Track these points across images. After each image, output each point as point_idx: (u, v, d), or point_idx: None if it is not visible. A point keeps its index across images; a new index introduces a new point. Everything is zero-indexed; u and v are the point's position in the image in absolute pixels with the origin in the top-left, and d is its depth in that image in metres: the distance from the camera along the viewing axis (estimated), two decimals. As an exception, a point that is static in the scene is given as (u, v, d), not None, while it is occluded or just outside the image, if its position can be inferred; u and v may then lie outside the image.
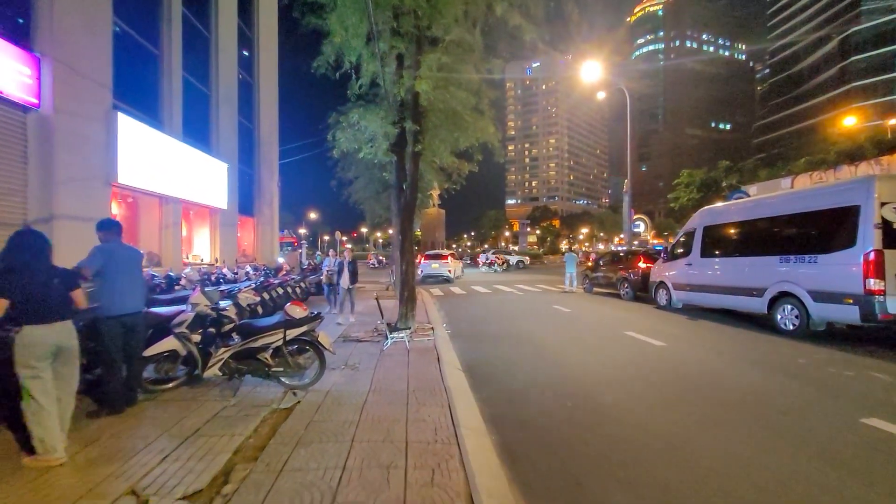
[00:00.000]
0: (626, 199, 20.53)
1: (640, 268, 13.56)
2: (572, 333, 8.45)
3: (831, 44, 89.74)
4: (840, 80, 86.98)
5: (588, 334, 8.35)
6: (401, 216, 8.29)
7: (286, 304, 4.65)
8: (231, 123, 13.61)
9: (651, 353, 6.68)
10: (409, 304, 8.22)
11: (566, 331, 8.73)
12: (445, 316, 10.95)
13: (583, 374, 5.69)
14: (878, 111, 70.49)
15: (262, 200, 16.82)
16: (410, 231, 8.35)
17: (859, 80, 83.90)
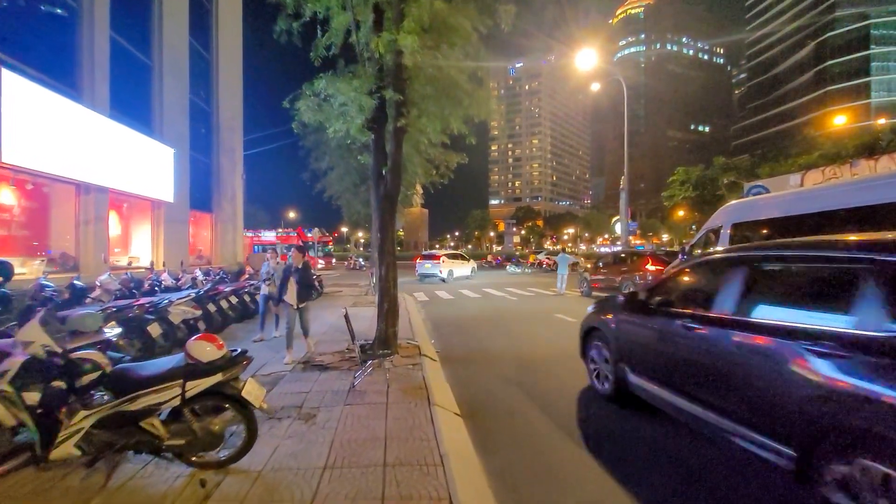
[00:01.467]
0: (623, 196, 19.28)
1: (648, 271, 12.23)
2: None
3: (807, 49, 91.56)
4: (816, 84, 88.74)
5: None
6: (380, 208, 6.67)
7: (189, 340, 2.93)
8: (180, 102, 11.60)
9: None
10: (389, 319, 6.59)
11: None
12: (433, 328, 9.36)
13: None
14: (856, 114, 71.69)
15: (221, 194, 14.71)
16: (391, 227, 6.73)
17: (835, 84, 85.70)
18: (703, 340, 3.17)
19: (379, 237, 6.73)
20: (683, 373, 3.38)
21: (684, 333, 3.36)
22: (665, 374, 3.63)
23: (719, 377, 2.96)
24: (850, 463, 2.14)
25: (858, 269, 2.35)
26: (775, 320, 2.69)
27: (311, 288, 5.44)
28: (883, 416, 1.99)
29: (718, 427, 2.95)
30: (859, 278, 2.31)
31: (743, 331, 2.85)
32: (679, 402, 3.39)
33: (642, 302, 4.20)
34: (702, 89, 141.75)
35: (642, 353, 4.02)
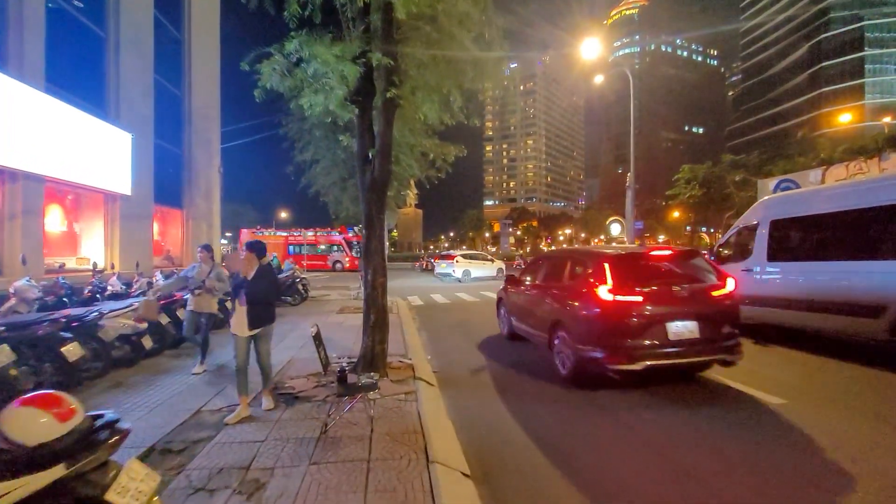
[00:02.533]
0: (629, 194, 18.23)
1: (665, 273, 11.13)
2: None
3: (801, 50, 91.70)
4: (810, 86, 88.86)
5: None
6: (367, 199, 5.47)
7: (8, 407, 1.70)
8: (142, 83, 10.23)
9: (775, 424, 4.07)
10: (376, 334, 5.40)
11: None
12: (428, 340, 8.16)
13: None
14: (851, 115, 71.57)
15: (195, 189, 13.21)
16: (380, 222, 5.54)
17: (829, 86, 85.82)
18: (529, 295, 6.96)
19: (365, 234, 5.54)
20: (525, 312, 6.95)
21: (526, 293, 7.11)
22: (521, 315, 7.18)
23: (537, 309, 6.45)
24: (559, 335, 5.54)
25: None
26: (547, 285, 6.48)
27: (269, 307, 4.06)
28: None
29: (533, 333, 6.56)
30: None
31: (540, 288, 6.62)
32: (523, 328, 7.03)
33: (516, 279, 7.82)
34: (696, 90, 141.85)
35: (519, 307, 7.32)
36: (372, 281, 5.46)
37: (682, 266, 5.35)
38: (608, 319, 4.80)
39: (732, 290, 5.15)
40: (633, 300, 4.79)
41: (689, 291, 4.92)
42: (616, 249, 5.77)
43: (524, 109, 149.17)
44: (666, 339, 4.68)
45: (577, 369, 5.09)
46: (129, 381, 5.19)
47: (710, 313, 4.88)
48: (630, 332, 4.70)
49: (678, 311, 4.78)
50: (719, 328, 4.87)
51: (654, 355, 4.63)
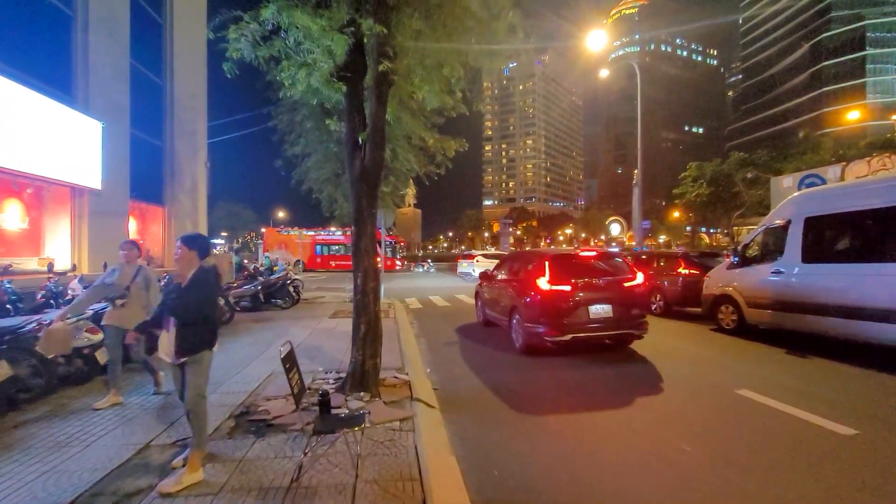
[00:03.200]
0: (636, 191, 17.51)
1: (682, 275, 10.39)
2: (644, 393, 5.05)
3: (802, 50, 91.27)
4: (811, 86, 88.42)
5: (672, 394, 4.98)
6: (357, 191, 4.72)
7: None
8: (116, 68, 9.35)
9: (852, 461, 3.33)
10: (367, 348, 4.65)
11: (628, 388, 5.32)
12: (427, 349, 7.41)
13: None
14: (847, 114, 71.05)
15: (177, 185, 12.41)
16: (371, 217, 4.78)
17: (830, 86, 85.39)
18: (495, 288, 8.40)
19: (354, 232, 4.78)
20: (493, 302, 8.40)
21: (493, 287, 8.54)
22: (490, 305, 8.62)
23: (501, 299, 7.89)
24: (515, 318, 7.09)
25: None
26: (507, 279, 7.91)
27: (202, 326, 3.03)
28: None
29: (499, 318, 8.05)
30: None
31: (504, 282, 7.96)
32: (492, 315, 8.48)
33: (488, 276, 9.08)
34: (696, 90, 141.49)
35: (489, 298, 8.70)
36: (362, 285, 4.71)
37: (603, 264, 7.12)
38: (546, 303, 6.40)
39: (640, 283, 6.84)
40: (564, 289, 6.40)
41: (606, 283, 6.64)
42: (555, 251, 7.58)
43: (523, 109, 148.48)
44: (588, 317, 6.34)
45: (527, 342, 6.68)
46: (76, 403, 4.43)
47: (622, 299, 6.49)
48: (562, 313, 6.31)
49: (598, 297, 6.42)
50: (629, 310, 6.50)
51: (580, 330, 6.28)
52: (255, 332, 8.31)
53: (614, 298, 6.42)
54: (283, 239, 36.36)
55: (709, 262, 10.85)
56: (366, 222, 4.73)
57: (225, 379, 5.22)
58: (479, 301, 9.52)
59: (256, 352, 6.72)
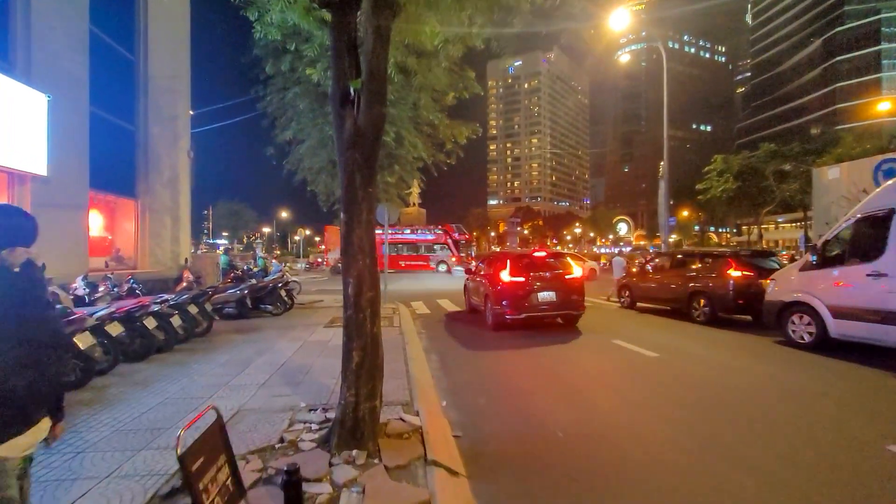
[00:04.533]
0: (662, 185, 16.06)
1: (732, 278, 8.95)
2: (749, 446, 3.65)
3: (814, 45, 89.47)
4: (824, 81, 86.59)
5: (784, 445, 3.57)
6: (347, 163, 3.33)
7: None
8: (70, 34, 7.69)
9: None
10: (361, 386, 3.27)
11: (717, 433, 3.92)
12: (439, 367, 6.02)
13: None
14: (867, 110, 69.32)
15: (153, 175, 10.87)
16: (367, 199, 3.38)
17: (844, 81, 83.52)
18: (476, 281, 10.37)
19: (344, 220, 3.39)
20: (474, 292, 10.48)
21: (474, 280, 10.56)
22: (473, 294, 10.62)
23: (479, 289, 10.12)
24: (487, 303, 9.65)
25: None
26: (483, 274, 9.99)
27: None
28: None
29: (478, 304, 10.17)
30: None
31: (481, 276, 9.95)
32: (475, 302, 10.37)
33: (471, 271, 11.43)
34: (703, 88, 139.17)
35: (472, 289, 10.72)
36: (355, 296, 3.32)
37: (552, 261, 9.33)
38: (506, 290, 8.43)
39: (578, 276, 8.93)
40: (520, 280, 8.44)
41: (552, 275, 8.73)
42: (515, 252, 10.39)
43: (528, 108, 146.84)
44: (538, 301, 8.36)
45: (494, 320, 8.67)
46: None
47: (563, 287, 8.56)
48: (518, 298, 8.31)
49: (545, 286, 8.49)
50: (570, 296, 8.58)
51: (531, 310, 8.33)
52: (233, 347, 6.95)
53: (558, 287, 8.56)
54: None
55: (762, 262, 9.42)
56: (360, 207, 3.34)
57: (163, 426, 3.83)
58: (466, 292, 11.49)
59: (225, 376, 5.35)
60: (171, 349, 6.56)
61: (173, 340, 6.56)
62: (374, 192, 3.49)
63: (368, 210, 3.39)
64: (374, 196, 3.47)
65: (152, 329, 5.95)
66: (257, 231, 75.26)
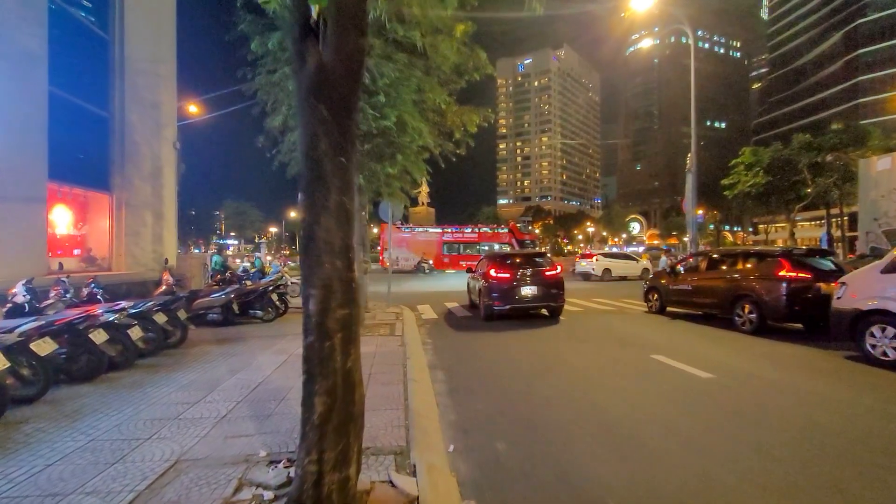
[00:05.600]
0: (690, 178, 14.78)
1: (785, 280, 7.75)
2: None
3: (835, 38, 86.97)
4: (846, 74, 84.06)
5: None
6: (309, 115, 2.28)
7: None
8: (24, 2, 7.13)
9: None
10: (327, 448, 2.20)
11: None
12: (447, 393, 4.94)
13: None
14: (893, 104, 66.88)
15: (131, 167, 9.73)
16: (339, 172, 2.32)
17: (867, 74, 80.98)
18: (474, 278, 11.43)
19: (303, 203, 2.32)
20: (472, 288, 11.62)
21: (474, 277, 11.48)
22: (472, 291, 11.78)
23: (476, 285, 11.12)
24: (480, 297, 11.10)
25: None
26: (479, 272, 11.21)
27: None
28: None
29: (475, 299, 11.45)
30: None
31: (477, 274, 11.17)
32: (474, 298, 11.50)
33: (472, 269, 12.11)
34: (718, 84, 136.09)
35: (471, 287, 11.83)
36: (319, 315, 2.25)
37: (534, 259, 10.51)
38: (494, 286, 9.71)
39: (557, 272, 10.05)
40: (505, 276, 9.73)
41: (533, 272, 9.84)
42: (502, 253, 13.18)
43: (538, 106, 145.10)
44: (521, 295, 9.60)
45: (485, 311, 9.96)
46: None
47: (543, 283, 9.74)
48: (504, 292, 9.62)
49: (527, 281, 9.69)
50: (549, 290, 9.74)
51: (515, 302, 9.59)
52: (205, 363, 5.94)
53: (539, 282, 9.58)
54: (404, 237, 33.76)
55: (818, 262, 8.21)
56: (327, 184, 2.27)
57: (63, 490, 2.79)
58: (468, 289, 12.45)
59: (180, 405, 4.33)
60: (130, 366, 5.57)
61: (133, 355, 5.57)
62: (352, 165, 2.42)
63: (341, 189, 2.32)
64: (350, 170, 2.40)
65: (102, 344, 4.95)
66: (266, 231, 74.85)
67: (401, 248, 32.74)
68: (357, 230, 9.65)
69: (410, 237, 33.91)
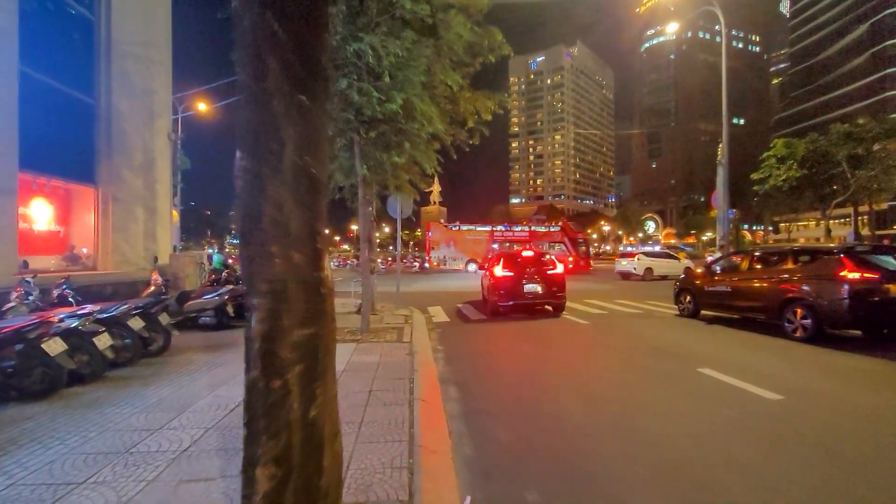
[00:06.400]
0: (721, 171, 13.72)
1: (847, 281, 6.76)
2: None
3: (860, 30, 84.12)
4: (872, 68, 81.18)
5: None
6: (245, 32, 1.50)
7: None
8: None
9: None
10: None
11: None
12: (461, 416, 4.11)
13: None
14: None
15: (120, 159, 8.97)
16: (302, 118, 1.55)
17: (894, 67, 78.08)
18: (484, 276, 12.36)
19: (241, 167, 1.52)
20: (482, 285, 12.32)
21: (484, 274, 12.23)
22: (483, 288, 12.27)
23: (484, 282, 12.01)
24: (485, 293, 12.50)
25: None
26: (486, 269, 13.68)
27: None
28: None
29: (482, 294, 12.51)
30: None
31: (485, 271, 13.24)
32: (484, 294, 11.96)
33: (484, 268, 15.15)
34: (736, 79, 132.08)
35: (482, 284, 12.49)
36: (265, 337, 1.44)
37: (537, 258, 11.08)
38: (498, 283, 10.13)
39: (559, 272, 10.56)
40: (509, 274, 10.13)
41: (536, 270, 10.32)
42: (508, 252, 13.33)
43: (551, 104, 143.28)
44: (524, 292, 10.03)
45: (491, 307, 10.50)
46: None
47: (546, 281, 10.16)
48: (508, 289, 10.05)
49: (530, 279, 10.09)
50: (552, 288, 10.20)
51: (518, 298, 10.05)
52: (183, 375, 5.20)
53: (541, 280, 10.08)
54: (451, 235, 32.55)
55: (885, 261, 7.18)
56: (278, 135, 1.47)
57: None
58: (482, 287, 12.57)
59: (138, 432, 3.57)
60: (98, 378, 4.86)
61: (101, 367, 4.86)
62: (319, 109, 1.61)
63: (300, 145, 1.52)
64: (316, 117, 1.59)
65: (57, 355, 4.24)
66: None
67: (448, 248, 31.72)
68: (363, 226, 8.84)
69: (458, 236, 32.60)
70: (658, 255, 23.85)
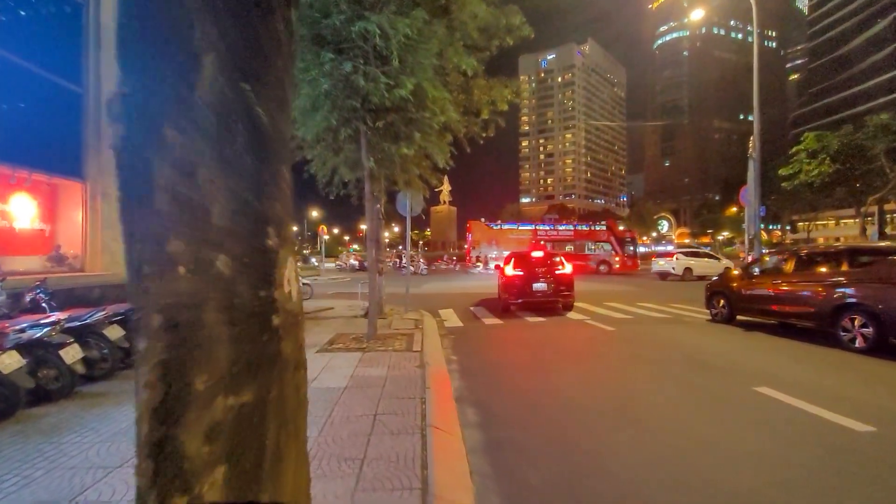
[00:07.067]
0: (753, 165, 12.85)
1: (918, 285, 5.93)
2: None
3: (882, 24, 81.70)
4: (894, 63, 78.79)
5: None
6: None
7: None
8: None
9: None
10: None
11: None
12: (483, 449, 3.42)
13: None
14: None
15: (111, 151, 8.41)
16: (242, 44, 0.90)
17: (919, 61, 75.66)
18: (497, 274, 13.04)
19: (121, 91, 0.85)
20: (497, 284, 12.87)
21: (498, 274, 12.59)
22: (497, 286, 12.79)
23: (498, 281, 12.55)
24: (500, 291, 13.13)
25: None
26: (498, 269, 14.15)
27: None
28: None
29: (497, 292, 13.18)
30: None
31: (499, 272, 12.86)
32: (499, 292, 12.34)
33: (499, 268, 12.81)
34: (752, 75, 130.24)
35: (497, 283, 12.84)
36: (156, 411, 0.77)
37: (546, 258, 11.60)
38: (509, 281, 10.80)
39: (568, 272, 11.02)
40: (520, 273, 10.78)
41: (545, 269, 10.92)
42: (518, 252, 12.91)
43: (562, 102, 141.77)
44: (533, 290, 10.59)
45: (503, 304, 11.18)
46: None
47: (554, 280, 10.73)
48: (518, 287, 10.67)
49: (539, 278, 10.69)
50: (559, 287, 10.73)
51: (527, 296, 10.63)
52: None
53: (550, 279, 10.73)
54: (493, 234, 31.98)
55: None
56: (193, 34, 0.79)
57: None
58: (497, 284, 12.63)
59: (93, 468, 2.94)
60: (66, 396, 4.26)
61: (70, 383, 4.26)
62: (284, 41, 0.93)
63: (230, 61, 0.83)
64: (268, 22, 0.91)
65: (11, 374, 3.63)
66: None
67: (490, 247, 30.95)
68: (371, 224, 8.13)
69: (500, 235, 31.84)
70: (697, 255, 23.09)
